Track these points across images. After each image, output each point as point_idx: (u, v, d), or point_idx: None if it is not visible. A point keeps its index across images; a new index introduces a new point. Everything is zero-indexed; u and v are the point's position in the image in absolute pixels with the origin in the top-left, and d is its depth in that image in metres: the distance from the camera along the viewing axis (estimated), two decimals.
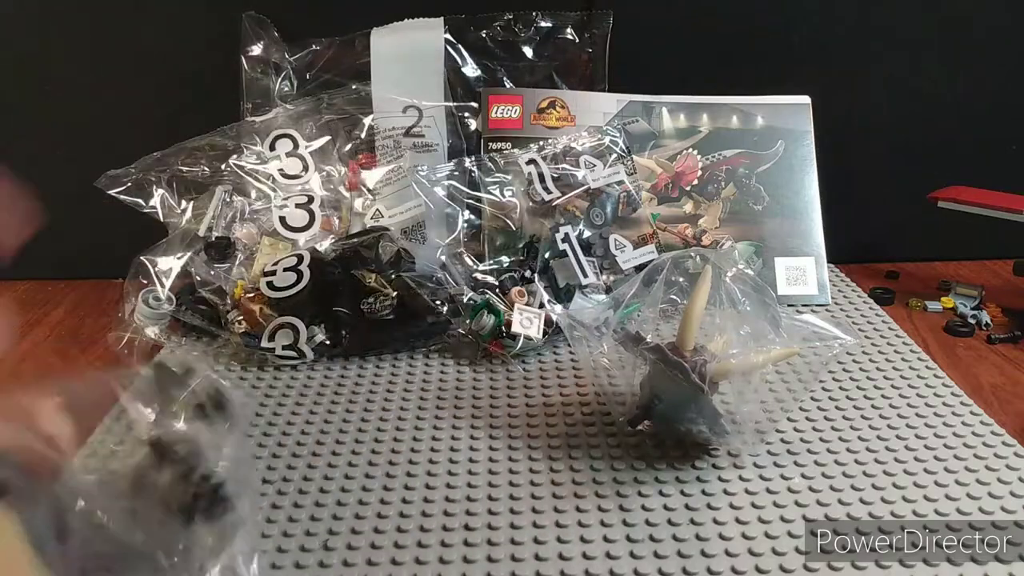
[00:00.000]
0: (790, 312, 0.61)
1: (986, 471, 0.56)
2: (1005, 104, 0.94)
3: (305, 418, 0.64)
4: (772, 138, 0.87)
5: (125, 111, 0.91)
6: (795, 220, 0.86)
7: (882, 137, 0.95)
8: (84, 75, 0.91)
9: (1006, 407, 0.66)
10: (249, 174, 0.81)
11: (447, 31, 0.86)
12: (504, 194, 0.81)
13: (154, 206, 0.79)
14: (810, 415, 0.63)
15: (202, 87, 0.89)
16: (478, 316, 0.72)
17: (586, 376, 0.69)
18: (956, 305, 0.84)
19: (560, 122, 0.87)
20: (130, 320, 0.76)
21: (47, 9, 0.88)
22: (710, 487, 0.55)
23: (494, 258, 0.80)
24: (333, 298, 0.74)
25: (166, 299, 0.76)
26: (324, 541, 0.50)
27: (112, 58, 0.90)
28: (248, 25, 0.86)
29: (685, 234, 0.86)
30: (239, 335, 0.74)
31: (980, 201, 0.82)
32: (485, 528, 0.51)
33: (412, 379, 0.70)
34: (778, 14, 0.91)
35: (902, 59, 0.92)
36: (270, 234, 0.80)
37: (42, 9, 0.88)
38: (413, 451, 0.60)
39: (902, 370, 0.71)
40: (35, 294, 0.92)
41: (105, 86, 0.91)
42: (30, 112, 0.92)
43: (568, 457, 0.58)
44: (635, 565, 0.48)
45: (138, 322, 0.75)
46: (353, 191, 0.83)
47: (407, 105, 0.85)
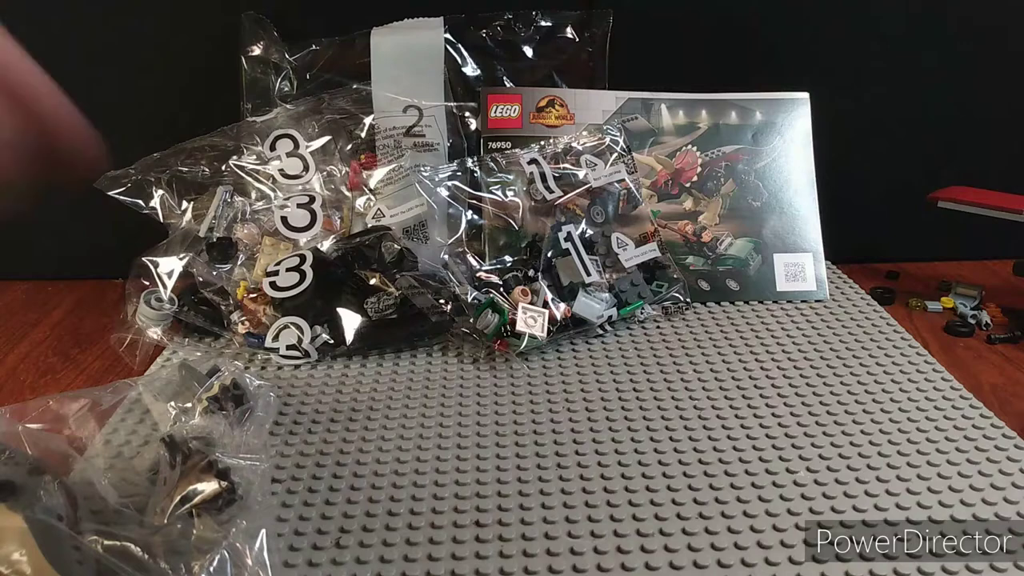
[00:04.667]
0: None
1: (988, 463, 0.57)
2: (1005, 104, 0.95)
3: (311, 416, 0.64)
4: (770, 134, 0.88)
5: (125, 111, 0.91)
6: (793, 216, 0.87)
7: (882, 137, 0.96)
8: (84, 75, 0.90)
9: (1006, 407, 0.66)
10: (249, 174, 0.81)
11: (447, 31, 0.86)
12: (506, 194, 0.81)
13: (154, 207, 0.79)
14: (813, 410, 0.64)
15: (202, 87, 0.89)
16: (482, 315, 0.73)
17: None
18: (956, 305, 0.85)
19: (559, 120, 0.87)
20: (132, 321, 0.76)
21: (47, 9, 0.88)
22: (717, 481, 0.55)
23: (496, 257, 0.80)
24: (336, 297, 0.74)
25: (168, 300, 0.76)
26: (336, 539, 0.50)
27: (112, 58, 0.90)
28: (248, 25, 0.86)
29: (685, 231, 0.86)
30: (241, 335, 0.74)
31: (980, 201, 0.83)
32: (496, 524, 0.51)
33: (415, 377, 0.70)
34: (778, 13, 0.91)
35: (902, 58, 0.93)
36: (272, 234, 0.80)
37: (42, 9, 0.88)
38: (420, 448, 0.60)
39: (901, 365, 0.71)
40: (35, 294, 0.92)
41: (105, 86, 0.90)
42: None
43: (575, 454, 0.59)
44: (646, 559, 0.48)
45: (140, 323, 0.75)
46: (354, 191, 0.83)
47: (407, 105, 0.85)
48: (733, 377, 0.70)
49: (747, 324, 0.80)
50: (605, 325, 0.77)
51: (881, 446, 0.59)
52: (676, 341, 0.76)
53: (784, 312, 0.82)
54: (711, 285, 0.85)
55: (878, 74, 0.93)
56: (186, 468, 0.46)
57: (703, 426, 0.62)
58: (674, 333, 0.78)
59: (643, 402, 0.66)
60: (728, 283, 0.85)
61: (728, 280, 0.85)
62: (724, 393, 0.67)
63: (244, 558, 0.43)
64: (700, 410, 0.64)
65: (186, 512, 0.44)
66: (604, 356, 0.74)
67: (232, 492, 0.45)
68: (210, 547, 0.43)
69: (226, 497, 0.45)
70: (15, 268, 0.97)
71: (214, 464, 0.46)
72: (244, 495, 0.45)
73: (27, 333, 0.83)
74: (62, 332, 0.83)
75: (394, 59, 0.85)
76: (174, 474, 0.46)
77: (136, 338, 0.75)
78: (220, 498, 0.45)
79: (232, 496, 0.45)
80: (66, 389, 0.72)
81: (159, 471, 0.48)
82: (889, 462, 0.57)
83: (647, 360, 0.73)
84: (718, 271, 0.85)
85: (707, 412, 0.64)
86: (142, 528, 0.43)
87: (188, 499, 0.44)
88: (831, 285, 0.87)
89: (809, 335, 0.77)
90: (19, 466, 0.44)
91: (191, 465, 0.46)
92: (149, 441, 0.59)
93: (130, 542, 0.41)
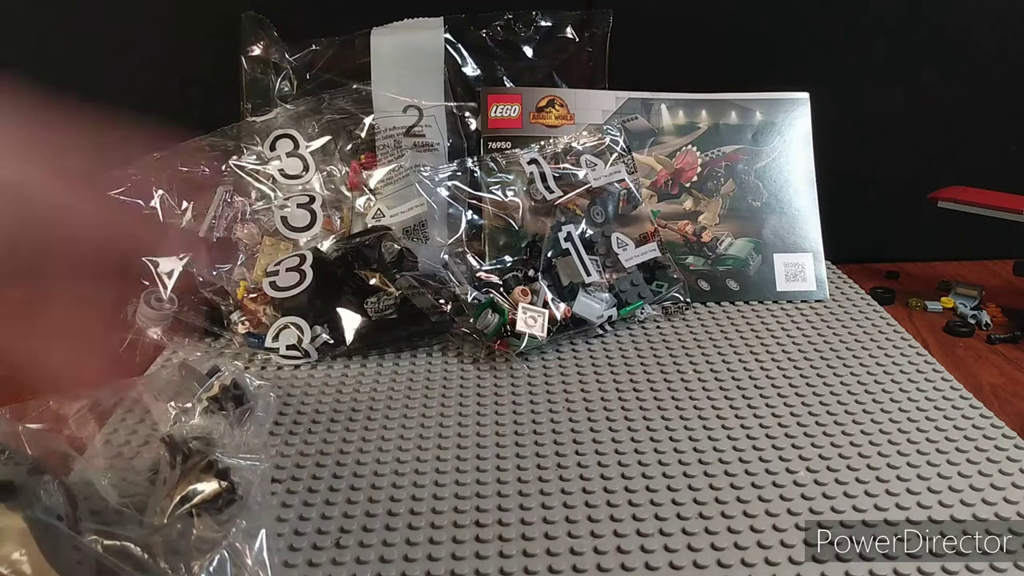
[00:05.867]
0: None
1: (988, 463, 0.57)
2: (1005, 104, 0.95)
3: (311, 416, 0.64)
4: (770, 134, 0.88)
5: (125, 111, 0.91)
6: (793, 216, 0.87)
7: (882, 137, 0.96)
8: (84, 75, 0.90)
9: (1006, 407, 0.66)
10: (249, 174, 0.81)
11: (447, 31, 0.86)
12: (506, 194, 0.81)
13: (154, 207, 0.79)
14: (813, 410, 0.64)
15: (202, 87, 0.89)
16: (482, 315, 0.73)
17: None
18: (956, 305, 0.85)
19: (559, 120, 0.87)
20: (132, 321, 0.75)
21: (46, 9, 0.88)
22: (717, 481, 0.55)
23: (496, 257, 0.80)
24: (336, 298, 0.74)
25: (168, 300, 0.76)
26: (336, 539, 0.50)
27: (112, 58, 0.90)
28: (248, 25, 0.86)
29: (685, 231, 0.86)
30: (241, 335, 0.74)
31: (980, 201, 0.83)
32: (496, 524, 0.51)
33: (415, 377, 0.70)
34: (778, 13, 0.91)
35: (902, 59, 0.93)
36: (271, 234, 0.80)
37: (41, 9, 0.88)
38: (420, 448, 0.60)
39: (901, 365, 0.71)
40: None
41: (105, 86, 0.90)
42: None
43: (575, 454, 0.59)
44: (646, 559, 0.48)
45: (140, 323, 0.75)
46: (354, 191, 0.83)
47: (407, 105, 0.85)
48: (733, 377, 0.70)
49: (747, 324, 0.80)
50: (605, 325, 0.77)
51: (881, 446, 0.59)
52: (676, 341, 0.76)
53: (784, 312, 0.82)
54: (711, 285, 0.85)
55: (878, 74, 0.93)
56: (186, 468, 0.46)
57: (703, 426, 0.62)
58: (674, 333, 0.78)
59: (643, 402, 0.66)
60: (728, 283, 0.85)
61: (728, 280, 0.85)
62: (724, 393, 0.67)
63: (244, 558, 0.43)
64: (700, 410, 0.64)
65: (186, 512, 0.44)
66: (604, 356, 0.74)
67: (232, 492, 0.45)
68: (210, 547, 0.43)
69: (226, 497, 0.45)
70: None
71: (214, 464, 0.46)
72: (244, 495, 0.45)
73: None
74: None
75: (394, 59, 0.85)
76: (174, 474, 0.46)
77: (136, 338, 0.75)
78: (220, 498, 0.45)
79: (232, 496, 0.45)
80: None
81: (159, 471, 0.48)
82: (889, 462, 0.57)
83: (647, 360, 0.73)
84: (718, 271, 0.85)
85: (707, 412, 0.64)
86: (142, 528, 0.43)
87: (188, 499, 0.44)
88: (831, 285, 0.87)
89: (809, 335, 0.77)
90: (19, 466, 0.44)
91: (191, 465, 0.46)
92: (149, 441, 0.59)
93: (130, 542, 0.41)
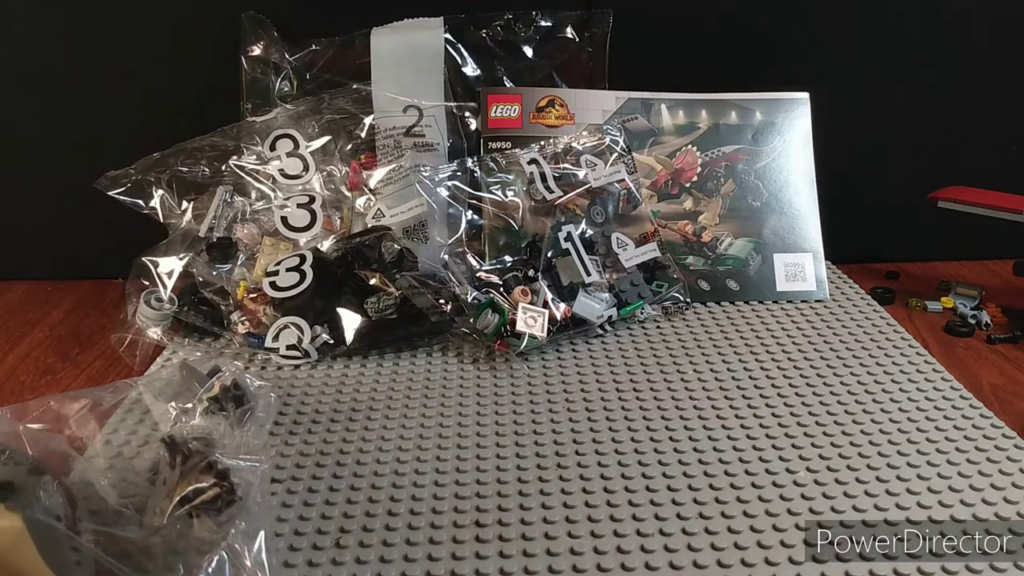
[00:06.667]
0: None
1: (988, 463, 0.57)
2: (1005, 104, 0.95)
3: (311, 417, 0.64)
4: (770, 134, 0.88)
5: (125, 111, 0.91)
6: (793, 216, 0.87)
7: (882, 137, 0.96)
8: (84, 75, 0.90)
9: (1006, 407, 0.66)
10: (249, 174, 0.81)
11: (447, 31, 0.86)
12: (506, 194, 0.81)
13: (154, 207, 0.79)
14: (813, 410, 0.64)
15: (202, 87, 0.89)
16: (482, 315, 0.73)
17: None
18: (956, 305, 0.84)
19: (559, 120, 0.87)
20: (132, 321, 0.76)
21: (47, 9, 0.88)
22: (717, 481, 0.55)
23: (496, 257, 0.80)
24: (336, 298, 0.74)
25: (168, 300, 0.76)
26: (336, 539, 0.50)
27: (112, 58, 0.90)
28: (248, 25, 0.86)
29: (685, 231, 0.86)
30: (241, 335, 0.74)
31: (980, 201, 0.83)
32: (496, 524, 0.51)
33: (415, 377, 0.70)
34: (778, 13, 0.91)
35: (902, 59, 0.93)
36: (271, 234, 0.80)
37: (42, 9, 0.88)
38: (420, 448, 0.60)
39: (901, 365, 0.71)
40: (35, 294, 0.92)
41: (105, 86, 0.91)
42: (30, 112, 0.92)
43: (575, 454, 0.59)
44: (646, 559, 0.48)
45: (140, 323, 0.75)
46: (354, 191, 0.83)
47: (407, 105, 0.85)
48: (733, 377, 0.70)
49: (747, 324, 0.80)
50: (605, 325, 0.77)
51: (881, 446, 0.59)
52: (676, 341, 0.76)
53: (784, 312, 0.82)
54: (711, 285, 0.85)
55: (878, 74, 0.93)
56: (186, 469, 0.46)
57: (703, 426, 0.62)
58: (674, 333, 0.78)
59: (643, 402, 0.66)
60: (728, 283, 0.85)
61: (728, 280, 0.85)
62: (724, 393, 0.67)
63: (243, 559, 0.43)
64: (700, 410, 0.64)
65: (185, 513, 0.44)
66: (604, 356, 0.74)
67: (232, 493, 0.45)
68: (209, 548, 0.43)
69: (225, 498, 0.45)
70: (15, 268, 0.97)
71: (214, 465, 0.46)
72: (244, 496, 0.45)
73: (27, 333, 0.83)
74: (62, 332, 0.83)
75: (394, 59, 0.85)
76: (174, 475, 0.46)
77: (136, 338, 0.75)
78: (220, 499, 0.45)
79: (232, 497, 0.45)
80: (66, 389, 0.72)
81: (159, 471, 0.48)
82: (889, 462, 0.57)
83: (647, 360, 0.73)
84: (718, 271, 0.85)
85: (707, 412, 0.64)
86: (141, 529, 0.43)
87: (188, 500, 0.44)
88: (831, 285, 0.87)
89: (809, 335, 0.77)
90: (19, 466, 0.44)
91: (191, 466, 0.46)
92: (149, 441, 0.59)
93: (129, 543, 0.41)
